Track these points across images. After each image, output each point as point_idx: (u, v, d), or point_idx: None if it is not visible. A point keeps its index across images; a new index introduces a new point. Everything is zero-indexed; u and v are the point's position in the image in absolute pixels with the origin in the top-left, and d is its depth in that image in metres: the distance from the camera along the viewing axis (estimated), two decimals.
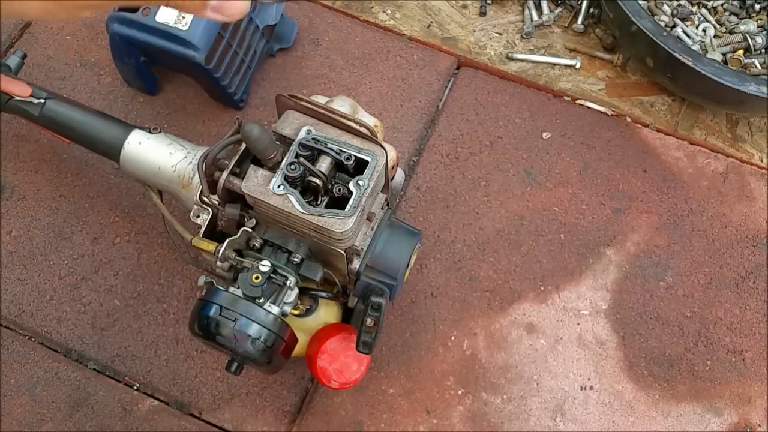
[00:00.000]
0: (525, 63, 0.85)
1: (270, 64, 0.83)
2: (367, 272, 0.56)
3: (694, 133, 0.82)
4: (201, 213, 0.57)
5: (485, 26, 0.87)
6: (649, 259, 0.75)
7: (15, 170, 0.77)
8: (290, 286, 0.52)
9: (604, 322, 0.72)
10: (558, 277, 0.74)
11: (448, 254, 0.74)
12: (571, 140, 0.80)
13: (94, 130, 0.64)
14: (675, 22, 0.82)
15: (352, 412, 0.67)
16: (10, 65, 0.69)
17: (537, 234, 0.75)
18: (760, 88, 0.70)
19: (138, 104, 0.81)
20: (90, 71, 0.82)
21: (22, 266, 0.72)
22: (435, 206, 0.76)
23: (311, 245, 0.54)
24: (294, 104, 0.53)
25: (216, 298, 0.50)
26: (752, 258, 0.75)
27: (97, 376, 0.68)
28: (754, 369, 0.71)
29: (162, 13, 0.68)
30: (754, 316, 0.73)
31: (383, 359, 0.69)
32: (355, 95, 0.81)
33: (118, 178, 0.76)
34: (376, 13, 0.87)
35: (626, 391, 0.69)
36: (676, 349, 0.71)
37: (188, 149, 0.62)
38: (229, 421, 0.67)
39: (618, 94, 0.84)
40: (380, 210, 0.57)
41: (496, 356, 0.70)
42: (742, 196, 0.78)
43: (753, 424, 0.69)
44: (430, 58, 0.84)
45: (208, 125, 0.80)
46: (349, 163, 0.50)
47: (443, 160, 0.79)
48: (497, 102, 0.82)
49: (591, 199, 0.78)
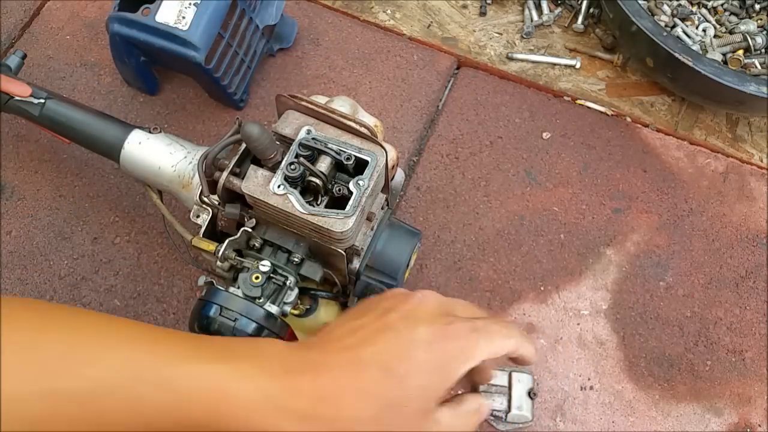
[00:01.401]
0: (525, 63, 0.85)
1: (270, 64, 0.83)
2: (367, 272, 0.56)
3: (694, 133, 0.82)
4: (201, 213, 0.57)
5: (485, 26, 0.87)
6: (649, 259, 0.75)
7: (15, 170, 0.77)
8: (290, 286, 0.52)
9: (604, 322, 0.72)
10: (558, 277, 0.74)
11: (448, 254, 0.74)
12: (571, 140, 0.80)
13: (94, 130, 0.64)
14: (675, 22, 0.82)
15: None
16: (10, 65, 0.69)
17: (537, 234, 0.75)
18: (760, 88, 0.70)
19: (138, 104, 0.81)
20: (90, 71, 0.82)
21: (22, 266, 0.72)
22: (435, 206, 0.76)
23: (311, 245, 0.54)
24: (294, 104, 0.53)
25: (216, 298, 0.50)
26: (752, 258, 0.75)
27: None
28: (754, 369, 0.71)
29: (162, 13, 0.68)
30: (754, 316, 0.73)
31: None
32: (355, 95, 0.81)
33: (118, 178, 0.76)
34: (376, 13, 0.87)
35: (626, 391, 0.69)
36: (676, 349, 0.71)
37: (188, 149, 0.62)
38: None
39: (618, 94, 0.84)
40: (380, 210, 0.57)
41: None
42: (742, 196, 0.78)
43: (753, 424, 0.69)
44: (430, 58, 0.84)
45: (208, 125, 0.80)
46: (349, 163, 0.50)
47: (443, 160, 0.79)
48: (497, 102, 0.82)
49: (591, 199, 0.78)
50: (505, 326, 0.43)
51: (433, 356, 0.38)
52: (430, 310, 0.41)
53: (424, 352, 0.38)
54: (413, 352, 0.38)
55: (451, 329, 0.40)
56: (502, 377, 0.66)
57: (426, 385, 0.38)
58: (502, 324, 0.43)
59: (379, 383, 0.37)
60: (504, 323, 0.43)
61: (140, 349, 0.38)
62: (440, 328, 0.39)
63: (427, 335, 0.39)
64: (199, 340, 0.41)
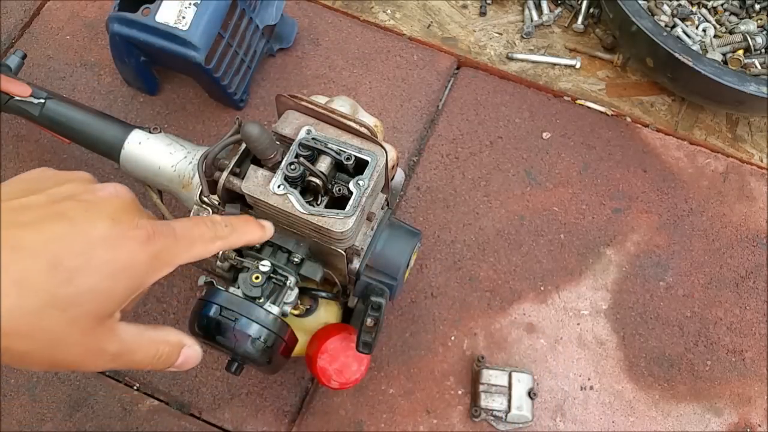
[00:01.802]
0: (525, 63, 0.85)
1: (270, 64, 0.83)
2: (367, 272, 0.56)
3: (694, 133, 0.82)
4: (201, 213, 0.57)
5: (485, 26, 0.87)
6: (649, 259, 0.75)
7: (15, 170, 0.77)
8: (290, 286, 0.52)
9: (604, 322, 0.72)
10: (558, 277, 0.74)
11: (448, 254, 0.74)
12: (571, 140, 0.80)
13: (94, 130, 0.64)
14: (675, 22, 0.82)
15: (352, 412, 0.67)
16: (10, 65, 0.69)
17: (537, 234, 0.75)
18: (760, 88, 0.70)
19: (138, 104, 0.81)
20: (90, 71, 0.82)
21: None
22: (435, 206, 0.76)
23: (311, 245, 0.54)
24: (294, 104, 0.53)
25: (216, 298, 0.50)
26: (752, 258, 0.75)
27: (97, 376, 0.68)
28: (754, 369, 0.71)
29: (162, 13, 0.68)
30: (754, 316, 0.73)
31: (383, 359, 0.69)
32: (355, 95, 0.81)
33: (118, 178, 0.76)
34: (376, 13, 0.87)
35: (626, 391, 0.69)
36: (676, 349, 0.71)
37: (188, 149, 0.62)
38: (229, 421, 0.67)
39: (618, 94, 0.84)
40: (380, 210, 0.57)
41: (496, 356, 0.70)
42: (742, 196, 0.78)
43: (753, 424, 0.69)
44: (430, 58, 0.84)
45: (208, 125, 0.80)
46: (349, 163, 0.50)
47: (443, 160, 0.79)
48: (497, 102, 0.82)
49: (591, 199, 0.78)
50: (210, 228, 0.40)
51: (115, 257, 0.33)
52: (118, 205, 0.35)
53: (104, 251, 0.33)
54: (90, 248, 0.33)
55: (142, 231, 0.35)
56: (502, 377, 0.66)
57: (103, 289, 0.33)
58: (208, 225, 0.40)
59: (43, 275, 0.31)
60: (210, 223, 0.40)
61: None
62: (129, 227, 0.34)
63: (111, 233, 0.34)
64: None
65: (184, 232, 0.38)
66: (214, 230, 0.40)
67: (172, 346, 0.39)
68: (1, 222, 0.32)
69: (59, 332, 0.32)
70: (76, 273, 0.32)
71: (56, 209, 0.34)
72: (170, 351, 0.39)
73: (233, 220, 0.43)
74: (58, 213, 0.33)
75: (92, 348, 0.34)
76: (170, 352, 0.39)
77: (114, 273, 0.33)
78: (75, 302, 0.32)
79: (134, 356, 0.37)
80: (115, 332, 0.35)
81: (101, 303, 0.34)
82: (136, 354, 0.37)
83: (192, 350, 0.40)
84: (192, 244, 0.38)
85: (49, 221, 0.33)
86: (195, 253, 0.38)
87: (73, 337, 0.33)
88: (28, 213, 0.33)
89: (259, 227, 0.46)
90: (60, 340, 0.33)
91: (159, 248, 0.36)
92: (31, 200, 0.34)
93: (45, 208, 0.33)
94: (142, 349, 0.37)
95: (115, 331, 0.35)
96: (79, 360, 0.35)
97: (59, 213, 0.33)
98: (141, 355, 0.37)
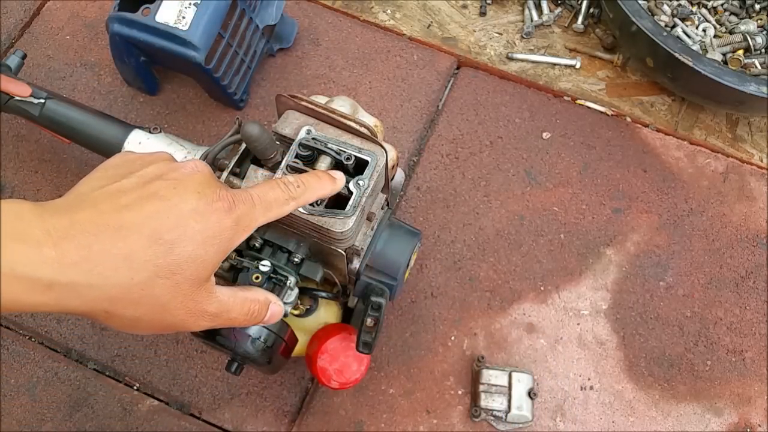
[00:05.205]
0: (525, 63, 0.85)
1: (270, 64, 0.83)
2: (367, 272, 0.56)
3: (694, 133, 0.82)
4: None
5: (485, 26, 0.87)
6: (649, 259, 0.75)
7: (15, 170, 0.77)
8: (290, 286, 0.52)
9: (604, 322, 0.72)
10: (558, 277, 0.74)
11: (448, 254, 0.74)
12: (571, 140, 0.81)
13: (94, 130, 0.64)
14: (675, 22, 0.82)
15: (352, 412, 0.67)
16: (10, 65, 0.69)
17: (537, 234, 0.75)
18: (760, 88, 0.70)
19: (138, 104, 0.81)
20: (90, 71, 0.82)
21: None
22: (435, 206, 0.76)
23: (311, 245, 0.54)
24: (294, 104, 0.53)
25: None
26: (752, 258, 0.75)
27: (97, 376, 0.68)
28: (754, 369, 0.71)
29: (162, 13, 0.68)
30: (754, 316, 0.73)
31: (383, 359, 0.69)
32: (355, 95, 0.81)
33: None
34: (376, 13, 0.87)
35: (626, 391, 0.69)
36: (676, 349, 0.71)
37: (188, 149, 0.62)
38: (229, 421, 0.67)
39: (618, 94, 0.84)
40: (380, 210, 0.57)
41: (496, 356, 0.70)
42: (742, 196, 0.78)
43: (753, 424, 0.69)
44: (430, 58, 0.84)
45: (208, 125, 0.80)
46: (349, 163, 0.50)
47: (443, 160, 0.79)
48: (497, 102, 0.82)
49: (591, 199, 0.78)
50: (284, 191, 0.42)
51: (205, 226, 0.37)
52: (200, 179, 0.39)
53: (195, 222, 0.37)
54: (183, 220, 0.37)
55: (224, 201, 0.38)
56: (502, 377, 0.66)
57: (198, 255, 0.37)
58: (281, 187, 0.43)
59: (147, 249, 0.35)
60: (283, 185, 0.43)
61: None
62: (213, 199, 0.38)
63: (199, 205, 0.37)
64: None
65: (260, 197, 0.41)
66: (287, 192, 0.43)
67: (261, 303, 0.44)
68: (104, 206, 0.36)
69: (166, 298, 0.36)
70: (174, 244, 0.36)
71: (149, 189, 0.37)
72: (260, 308, 0.44)
73: (305, 178, 0.45)
74: (150, 193, 0.37)
75: (195, 309, 0.39)
76: (260, 309, 0.44)
77: (205, 240, 0.37)
78: (177, 270, 0.36)
79: (230, 314, 0.41)
80: (212, 294, 0.40)
81: (198, 268, 0.37)
82: (231, 312, 0.41)
83: (277, 306, 0.45)
84: (269, 208, 0.41)
85: (145, 201, 0.37)
86: (272, 215, 0.42)
87: (178, 301, 0.37)
88: (124, 196, 0.37)
89: (330, 180, 0.47)
90: (167, 305, 0.37)
91: (240, 214, 0.39)
92: (124, 184, 0.38)
93: (138, 190, 0.37)
94: (237, 308, 0.42)
95: (213, 293, 0.40)
96: (183, 321, 0.39)
97: (152, 193, 0.37)
98: (236, 313, 0.42)
